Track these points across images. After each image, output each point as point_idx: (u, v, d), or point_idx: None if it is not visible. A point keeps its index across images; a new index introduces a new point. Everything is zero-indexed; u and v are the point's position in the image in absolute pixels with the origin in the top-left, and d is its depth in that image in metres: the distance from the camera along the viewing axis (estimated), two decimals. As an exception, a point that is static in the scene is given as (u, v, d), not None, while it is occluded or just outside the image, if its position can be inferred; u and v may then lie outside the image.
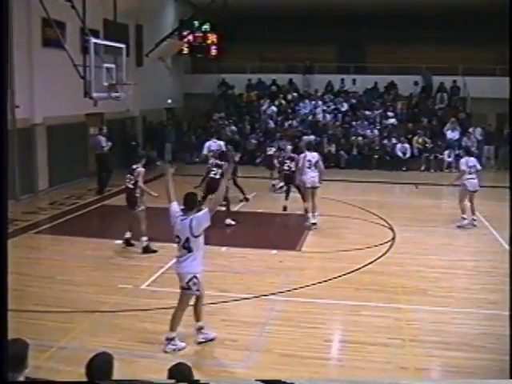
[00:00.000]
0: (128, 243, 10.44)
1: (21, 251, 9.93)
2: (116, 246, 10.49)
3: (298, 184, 13.02)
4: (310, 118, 23.78)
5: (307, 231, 11.82)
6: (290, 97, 25.27)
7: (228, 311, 7.22)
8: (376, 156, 21.50)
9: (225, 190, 7.79)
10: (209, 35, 24.37)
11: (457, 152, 20.30)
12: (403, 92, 24.81)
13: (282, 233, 12.59)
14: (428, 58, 24.52)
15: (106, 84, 12.93)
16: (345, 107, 24.28)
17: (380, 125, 23.05)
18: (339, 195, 15.60)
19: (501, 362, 5.56)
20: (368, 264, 9.63)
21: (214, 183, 11.99)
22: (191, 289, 6.32)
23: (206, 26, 24.18)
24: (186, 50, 24.22)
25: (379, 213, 13.42)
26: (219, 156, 12.82)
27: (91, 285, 8.54)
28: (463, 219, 12.22)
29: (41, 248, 11.02)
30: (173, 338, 6.40)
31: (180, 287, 6.43)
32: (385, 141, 21.96)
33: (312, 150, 12.66)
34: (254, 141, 22.36)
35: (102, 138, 16.01)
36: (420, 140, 21.79)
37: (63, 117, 15.88)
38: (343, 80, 25.58)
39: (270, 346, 6.60)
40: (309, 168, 12.14)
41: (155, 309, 7.56)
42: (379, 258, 10.01)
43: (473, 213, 12.38)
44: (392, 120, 23.18)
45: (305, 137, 21.74)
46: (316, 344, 6.68)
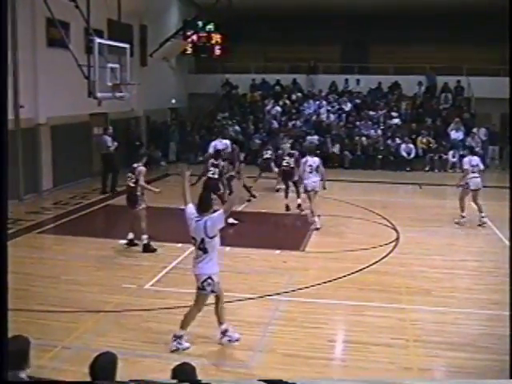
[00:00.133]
0: (131, 244, 10.45)
1: (25, 251, 9.97)
2: (120, 246, 10.50)
3: (297, 180, 13.07)
4: (314, 118, 23.74)
5: (311, 231, 11.81)
6: (294, 97, 25.24)
7: (232, 311, 7.21)
8: (380, 156, 21.48)
9: (239, 191, 7.78)
10: (213, 35, 24.38)
11: (461, 152, 20.18)
12: (407, 92, 24.80)
13: (286, 233, 12.59)
14: (432, 58, 24.46)
15: (110, 84, 12.94)
16: (349, 107, 24.23)
17: (384, 125, 23.00)
18: (343, 195, 15.59)
19: (504, 363, 5.54)
20: (372, 264, 9.63)
21: (212, 183, 11.99)
22: (206, 289, 6.32)
23: (210, 26, 24.18)
24: (190, 50, 24.19)
25: (383, 213, 13.41)
26: (215, 155, 12.80)
27: (95, 284, 8.55)
28: (462, 217, 12.43)
29: (44, 248, 11.03)
30: (180, 337, 6.38)
31: (196, 287, 6.44)
32: (389, 141, 21.92)
33: (313, 155, 12.72)
34: (258, 141, 22.34)
35: (108, 138, 16.02)
36: (424, 140, 21.75)
37: (67, 117, 15.87)
38: (347, 80, 25.55)
39: (274, 346, 6.60)
40: (310, 173, 12.18)
41: (159, 309, 7.57)
42: (383, 258, 10.01)
43: (480, 211, 12.39)
44: (396, 120, 23.14)
45: (309, 137, 21.77)
46: (319, 344, 6.68)
